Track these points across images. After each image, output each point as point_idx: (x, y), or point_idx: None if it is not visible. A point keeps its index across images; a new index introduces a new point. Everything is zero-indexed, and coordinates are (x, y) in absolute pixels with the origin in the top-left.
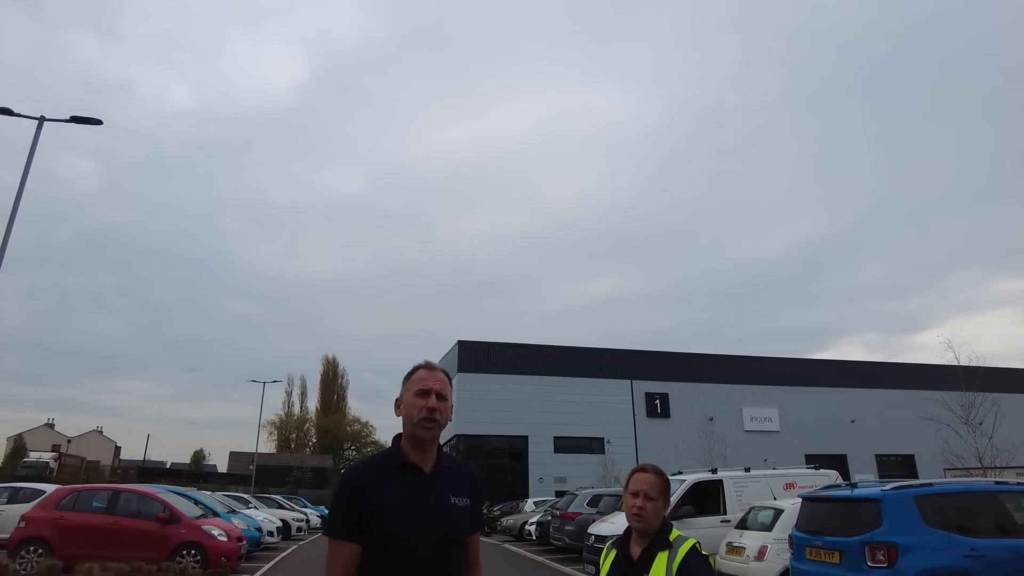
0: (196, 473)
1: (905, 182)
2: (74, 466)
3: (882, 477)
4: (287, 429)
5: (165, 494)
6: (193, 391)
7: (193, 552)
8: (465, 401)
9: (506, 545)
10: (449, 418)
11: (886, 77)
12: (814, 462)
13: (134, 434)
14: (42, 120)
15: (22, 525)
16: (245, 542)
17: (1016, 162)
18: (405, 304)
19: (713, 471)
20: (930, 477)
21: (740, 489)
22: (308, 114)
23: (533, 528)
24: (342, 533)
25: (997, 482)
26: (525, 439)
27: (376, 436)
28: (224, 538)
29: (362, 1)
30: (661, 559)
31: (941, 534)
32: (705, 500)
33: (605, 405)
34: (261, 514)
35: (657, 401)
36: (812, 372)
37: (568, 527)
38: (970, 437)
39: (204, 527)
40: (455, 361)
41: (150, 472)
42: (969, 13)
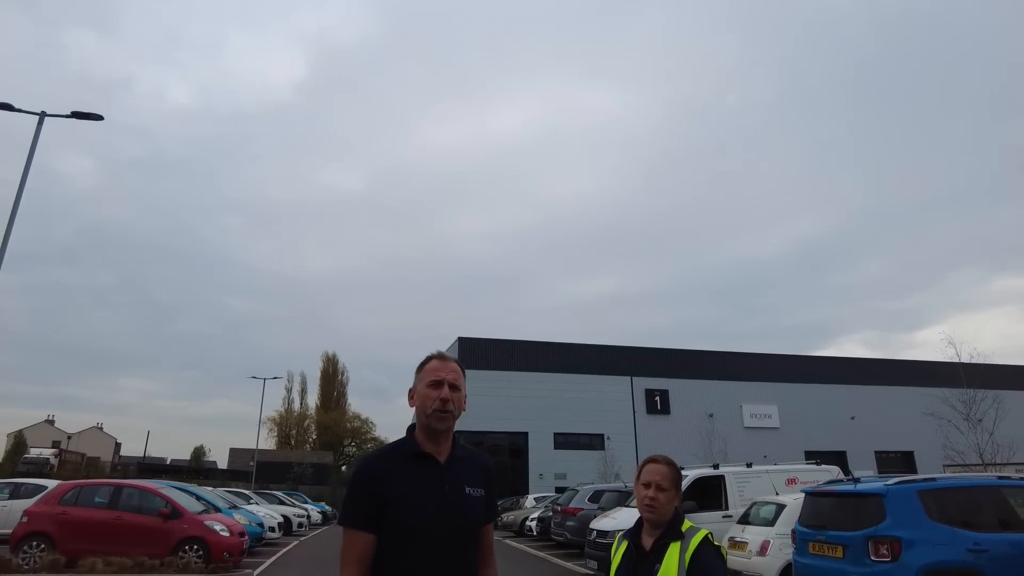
0: (196, 469)
1: (905, 180)
2: (74, 462)
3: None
4: (287, 426)
5: (167, 490)
6: (193, 388)
7: (196, 547)
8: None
9: (507, 541)
10: (463, 408)
11: (885, 74)
12: (814, 459)
13: (134, 431)
14: (43, 116)
15: (25, 520)
16: (247, 537)
17: (1016, 160)
18: (405, 301)
19: (715, 467)
20: (929, 473)
21: (742, 485)
22: (308, 111)
23: (534, 524)
24: (357, 523)
25: (1000, 477)
26: (525, 435)
27: (376, 432)
28: (226, 533)
29: None
30: (673, 550)
31: (944, 528)
32: (707, 495)
33: (605, 401)
34: (262, 510)
35: (657, 397)
36: (812, 369)
37: (570, 523)
38: (971, 433)
39: (206, 522)
40: (455, 357)
41: (150, 468)
42: (968, 10)
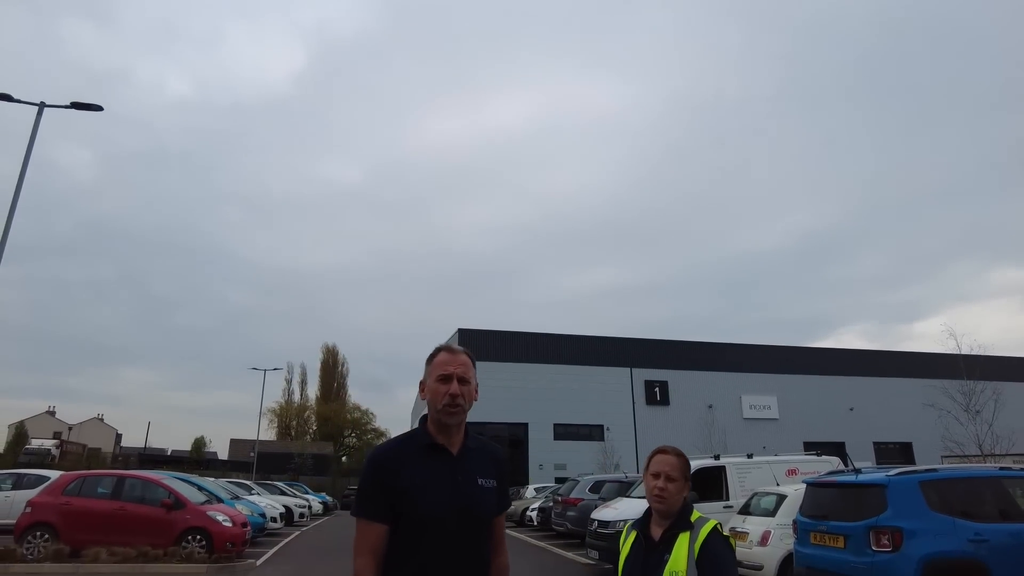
0: (197, 460)
1: (904, 173)
2: (76, 453)
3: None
4: (287, 417)
5: (170, 480)
6: (194, 379)
7: (199, 537)
8: None
9: (507, 531)
10: (474, 399)
11: (885, 68)
12: (813, 450)
13: (135, 422)
14: (42, 106)
15: (28, 510)
16: (250, 528)
17: (1015, 153)
18: (404, 294)
19: (716, 457)
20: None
21: (743, 475)
22: (307, 104)
23: (534, 514)
24: (371, 513)
25: (1001, 468)
26: (525, 426)
27: (376, 424)
28: (229, 524)
29: None
30: (683, 540)
31: (945, 519)
32: (708, 486)
33: (605, 393)
34: (264, 500)
35: (656, 389)
36: (811, 360)
37: (570, 513)
38: (971, 424)
39: (209, 513)
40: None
41: (151, 459)
42: (968, 5)
